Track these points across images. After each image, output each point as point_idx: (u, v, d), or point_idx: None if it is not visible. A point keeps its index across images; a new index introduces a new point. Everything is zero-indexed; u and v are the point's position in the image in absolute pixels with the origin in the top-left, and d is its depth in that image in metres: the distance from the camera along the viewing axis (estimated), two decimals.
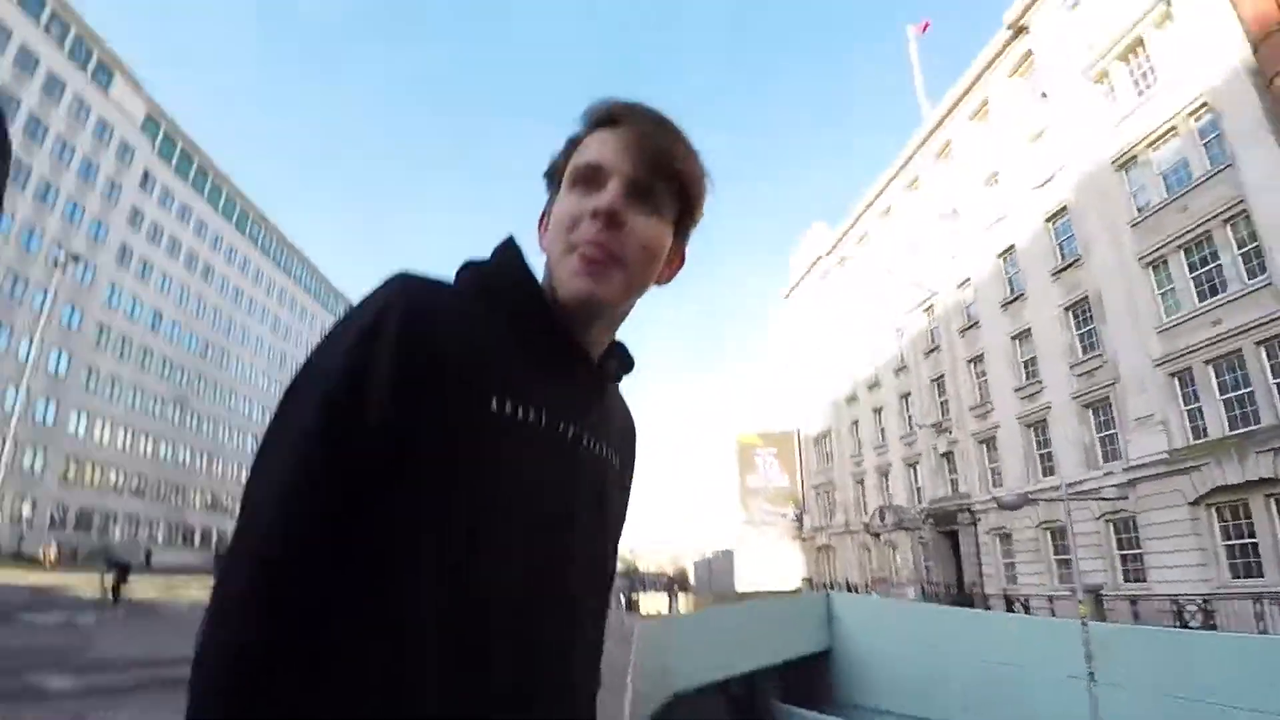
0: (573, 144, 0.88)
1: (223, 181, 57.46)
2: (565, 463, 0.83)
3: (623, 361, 0.95)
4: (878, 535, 33.70)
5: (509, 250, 0.88)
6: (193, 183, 53.50)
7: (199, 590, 25.07)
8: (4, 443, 30.05)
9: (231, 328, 58.66)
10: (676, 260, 0.92)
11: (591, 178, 0.83)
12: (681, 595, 36.32)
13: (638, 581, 40.25)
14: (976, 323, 28.16)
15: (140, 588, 22.17)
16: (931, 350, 31.80)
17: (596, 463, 0.89)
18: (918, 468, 32.95)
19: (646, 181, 0.83)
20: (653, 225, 0.85)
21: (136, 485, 47.04)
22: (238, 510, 0.68)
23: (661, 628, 16.47)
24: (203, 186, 54.88)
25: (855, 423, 39.85)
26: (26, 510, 36.69)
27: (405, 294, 0.75)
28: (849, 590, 31.62)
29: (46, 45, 38.83)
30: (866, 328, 37.87)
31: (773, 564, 46.95)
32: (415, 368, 0.72)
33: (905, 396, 34.21)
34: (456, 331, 0.76)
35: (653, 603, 32.20)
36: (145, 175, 47.63)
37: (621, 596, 28.23)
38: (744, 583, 45.63)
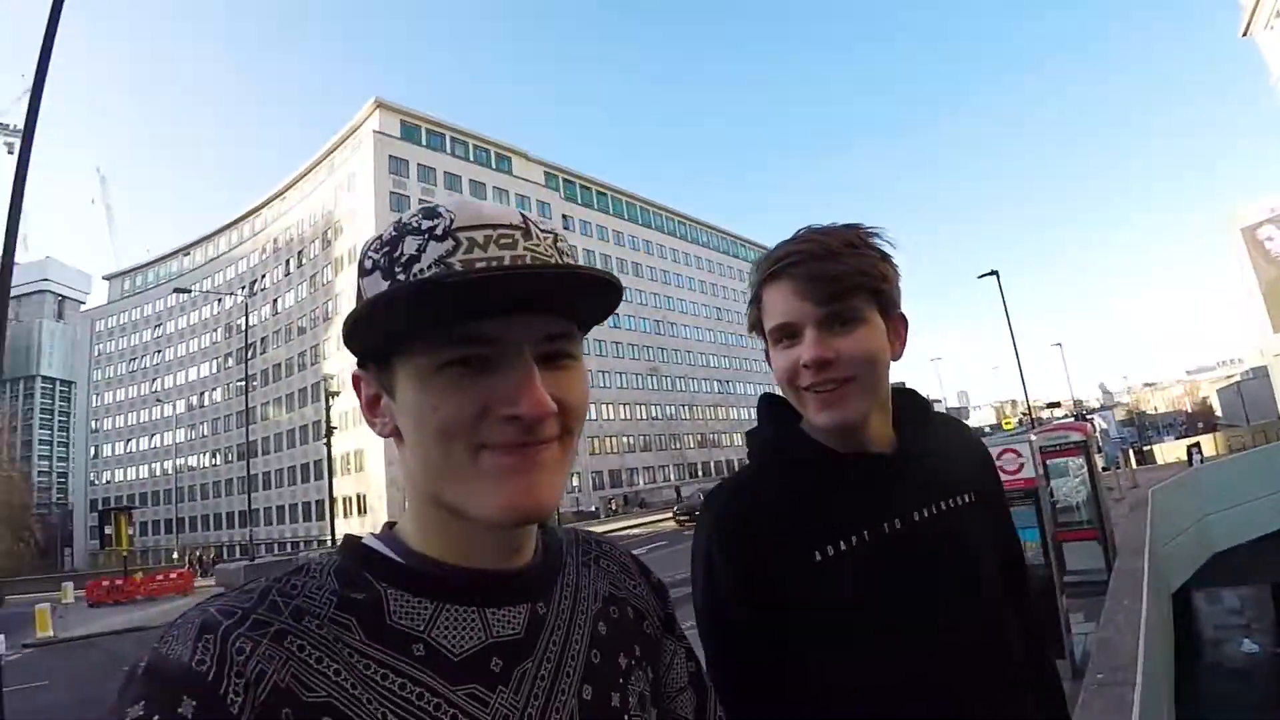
0: (756, 302, 0.99)
1: (617, 193, 69.66)
2: (905, 556, 0.92)
3: (915, 414, 1.02)
4: None
5: (774, 412, 1.04)
6: (598, 206, 66.63)
7: None
8: (575, 434, 44.37)
9: (670, 302, 70.39)
10: (898, 335, 0.97)
11: (788, 334, 0.93)
12: (1207, 436, 30.18)
13: (1148, 426, 34.13)
14: None
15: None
16: None
17: (937, 522, 0.96)
18: None
19: (833, 313, 0.90)
20: (859, 338, 0.90)
21: (643, 443, 61.47)
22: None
23: (1185, 481, 14.75)
24: (606, 206, 67.72)
25: None
26: (574, 481, 52.41)
27: (717, 522, 0.96)
28: None
29: (455, 163, 54.86)
30: None
31: None
32: (749, 580, 0.90)
33: None
34: (766, 520, 0.92)
35: (1171, 451, 27.56)
36: (564, 218, 61.76)
37: (1129, 451, 25.26)
38: None
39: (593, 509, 47.34)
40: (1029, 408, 37.78)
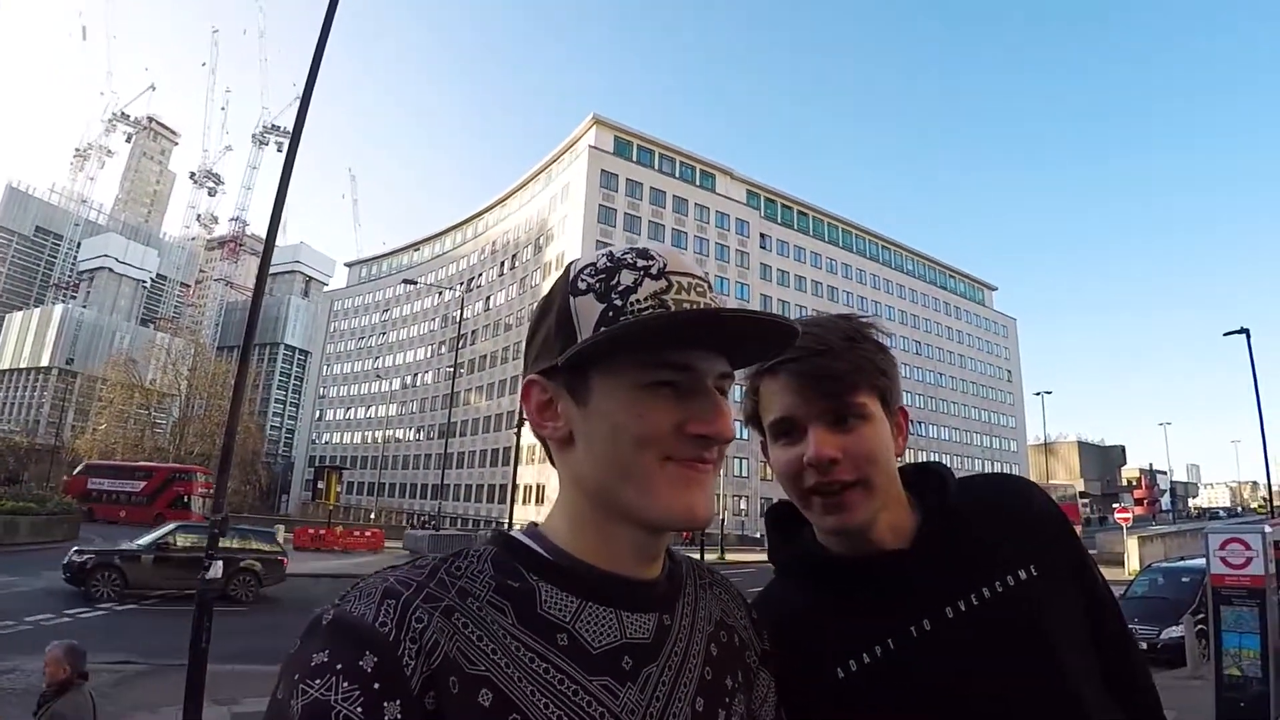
0: (753, 393, 0.94)
1: (818, 214, 67.93)
2: (944, 657, 0.83)
3: (935, 494, 0.94)
4: None
5: (779, 523, 1.00)
6: (797, 226, 65.39)
7: None
8: (723, 459, 44.28)
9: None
10: (900, 430, 0.93)
11: (788, 430, 0.88)
12: None
13: None
14: None
15: None
16: None
17: (983, 612, 0.85)
18: None
19: (836, 409, 0.86)
20: (864, 436, 0.86)
21: None
22: None
23: None
24: (805, 226, 66.29)
25: None
26: (743, 504, 51.49)
27: None
28: None
29: (661, 179, 55.95)
30: None
31: None
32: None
33: None
34: (787, 640, 0.85)
35: None
36: (762, 237, 61.20)
37: None
38: None
39: (758, 535, 46.08)
40: (1270, 493, 32.21)
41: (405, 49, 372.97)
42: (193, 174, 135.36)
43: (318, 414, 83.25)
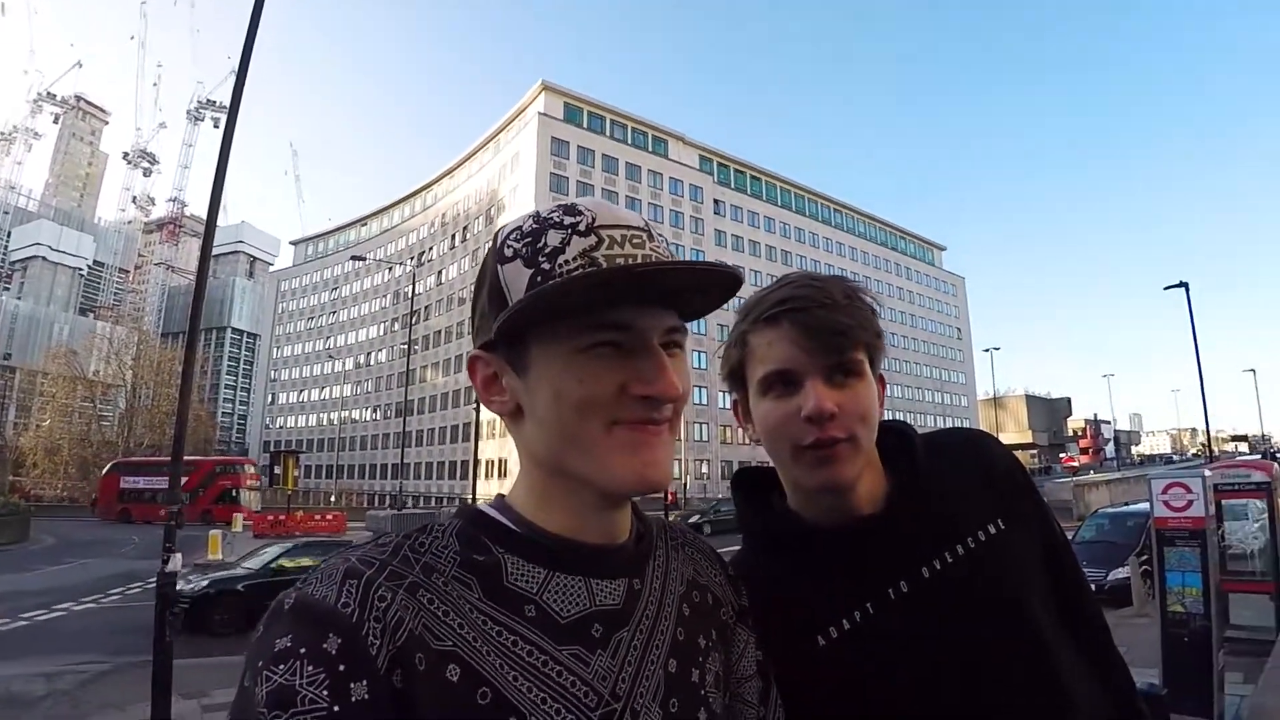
0: (740, 346, 0.90)
1: (771, 178, 68.15)
2: (923, 616, 0.83)
3: (903, 456, 0.93)
4: None
5: (746, 491, 0.98)
6: (750, 191, 65.49)
7: None
8: (678, 421, 44.57)
9: None
10: (881, 391, 0.91)
11: (783, 382, 0.85)
12: None
13: None
14: None
15: None
16: None
17: (957, 569, 0.86)
18: None
19: (837, 364, 0.84)
20: (860, 393, 0.85)
21: None
22: None
23: None
24: (759, 191, 66.46)
25: None
26: (704, 467, 52.11)
27: None
28: None
29: (613, 145, 55.40)
30: None
31: None
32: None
33: None
34: (760, 611, 0.83)
35: None
36: (715, 203, 61.12)
37: None
38: None
39: (719, 497, 46.76)
40: (1209, 439, 33.87)
41: (345, 14, 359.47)
42: (126, 154, 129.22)
43: (270, 398, 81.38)
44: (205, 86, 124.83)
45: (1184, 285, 25.76)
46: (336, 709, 0.49)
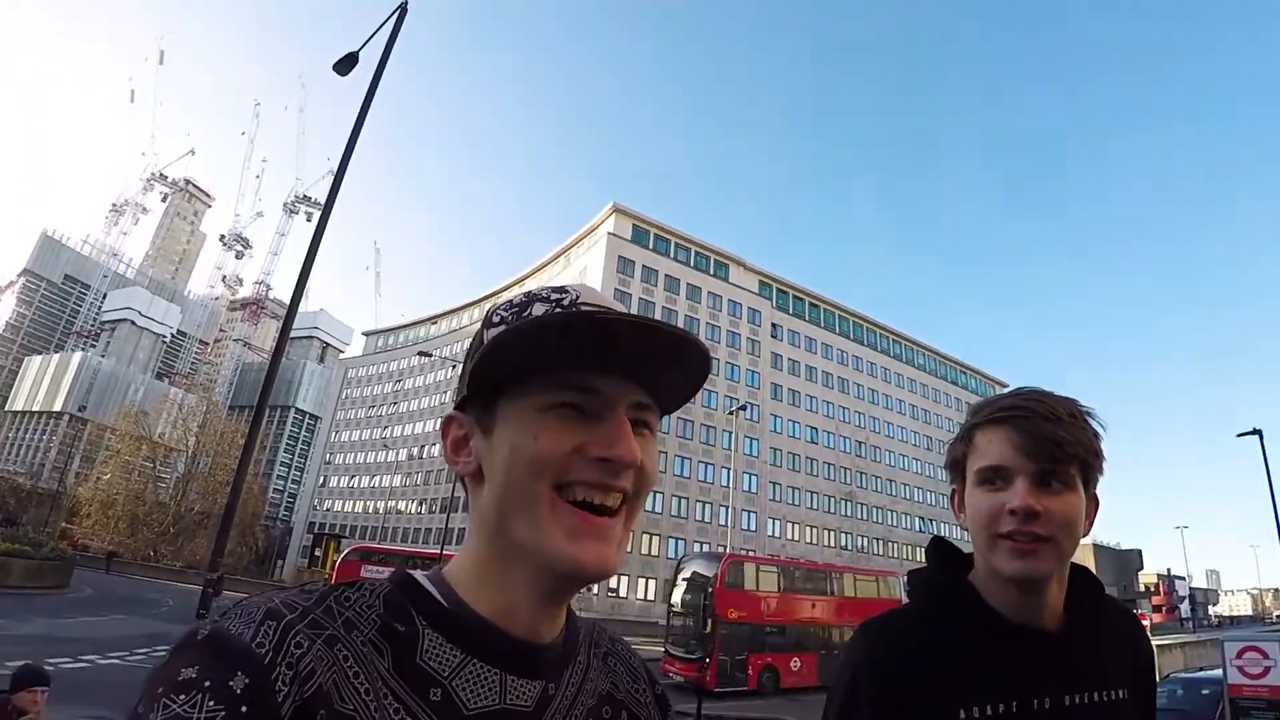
0: (966, 441, 1.01)
1: (829, 306, 68.66)
2: None
3: (1088, 594, 1.02)
4: None
5: (944, 556, 1.07)
6: (809, 318, 66.06)
7: None
8: (726, 548, 43.34)
9: (875, 423, 67.03)
10: (1093, 509, 0.98)
11: (995, 478, 0.95)
12: None
13: None
14: None
15: None
16: None
17: (1087, 712, 0.95)
18: None
19: (1048, 471, 0.93)
20: (1067, 502, 0.93)
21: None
22: None
23: None
24: (817, 318, 66.98)
25: None
26: (649, 588, 50.01)
27: (871, 653, 0.99)
28: None
29: (676, 267, 57.12)
30: None
31: None
32: (893, 713, 0.93)
33: None
34: (920, 666, 0.93)
35: None
36: (773, 327, 61.81)
37: None
38: None
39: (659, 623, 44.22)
40: None
41: (435, 134, 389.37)
42: (223, 237, 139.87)
43: (322, 480, 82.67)
44: (303, 183, 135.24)
45: (1258, 432, 24.49)
46: None
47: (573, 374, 0.61)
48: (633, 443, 0.62)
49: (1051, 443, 0.94)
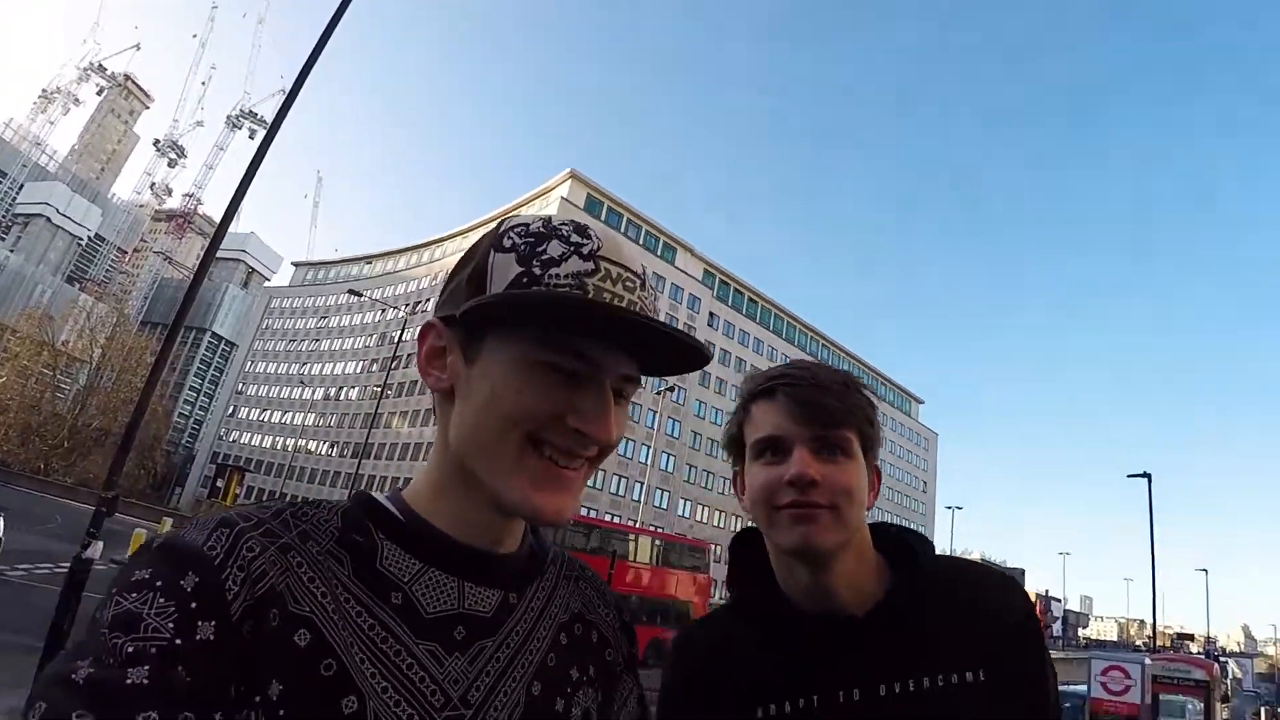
0: (743, 411, 0.99)
1: (767, 303, 70.18)
2: None
3: (905, 563, 0.95)
4: None
5: (742, 555, 1.03)
6: (745, 312, 67.31)
7: None
8: (637, 523, 44.08)
9: None
10: (873, 486, 0.97)
11: (772, 449, 0.93)
12: None
13: None
14: None
15: None
16: None
17: (910, 702, 0.85)
18: None
19: (823, 437, 0.91)
20: (845, 469, 0.91)
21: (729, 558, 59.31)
22: None
23: None
24: (754, 313, 68.35)
25: None
26: None
27: (679, 663, 0.99)
28: None
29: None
30: None
31: None
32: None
33: None
34: (721, 670, 0.94)
35: None
36: (711, 315, 62.65)
37: (1261, 710, 22.32)
38: None
39: None
40: (1154, 633, 33.96)
41: (399, 62, 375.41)
42: (157, 141, 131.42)
43: (231, 410, 79.79)
44: (251, 98, 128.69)
45: (1147, 476, 25.37)
46: (178, 642, 0.49)
47: (573, 338, 0.60)
48: (613, 422, 0.62)
49: (825, 410, 0.91)
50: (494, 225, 0.67)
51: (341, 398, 69.32)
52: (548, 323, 0.60)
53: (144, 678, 0.47)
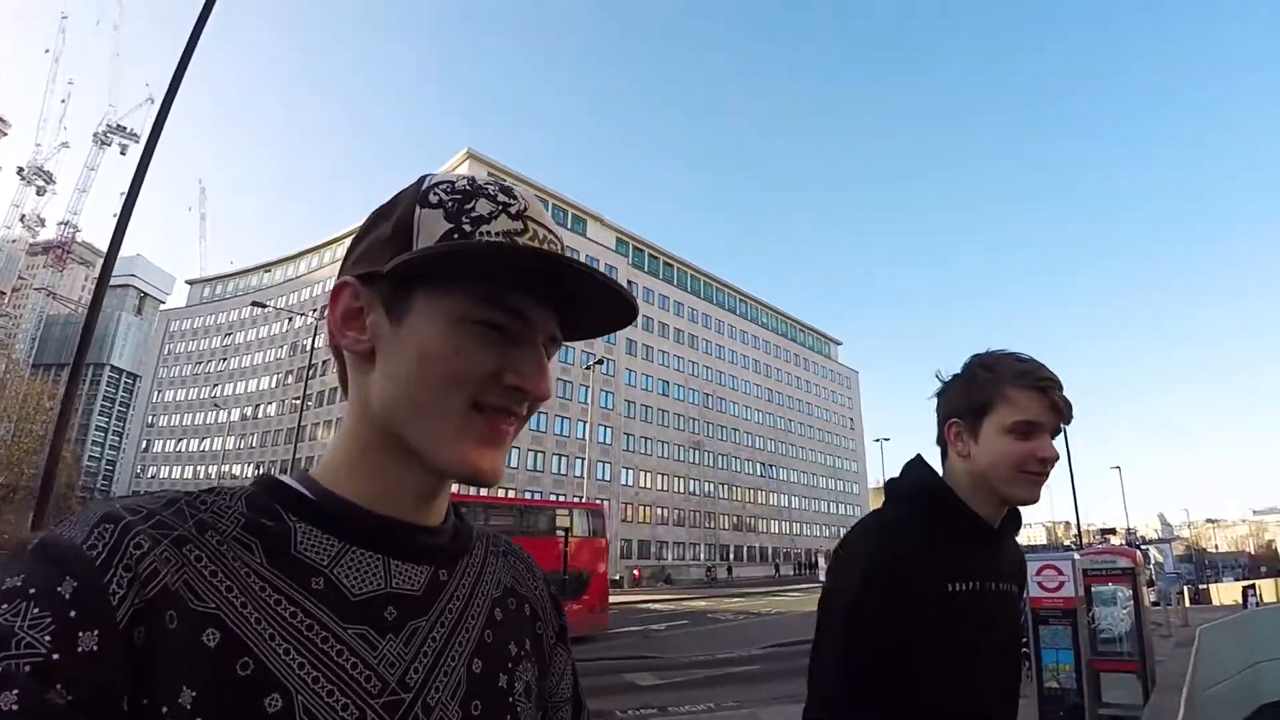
0: (995, 393, 1.31)
1: (682, 265, 70.72)
2: (985, 610, 1.28)
3: (1014, 521, 1.40)
4: None
5: (923, 475, 1.39)
6: (663, 276, 67.67)
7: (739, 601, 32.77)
8: (582, 499, 44.24)
9: (721, 377, 70.33)
10: None
11: (1030, 432, 1.27)
12: (1269, 580, 30.15)
13: (1207, 565, 32.86)
14: None
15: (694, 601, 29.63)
16: None
17: (1001, 598, 1.33)
18: None
19: (1060, 429, 1.32)
20: (1056, 450, 1.31)
21: (676, 517, 60.54)
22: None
23: (1239, 623, 14.17)
24: (670, 276, 68.78)
25: None
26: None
27: (884, 544, 1.29)
28: None
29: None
30: None
31: None
32: (896, 608, 1.20)
33: None
34: (916, 559, 1.24)
35: (1229, 592, 27.60)
36: (629, 284, 62.61)
37: (1183, 588, 24.39)
38: None
39: (616, 577, 46.42)
40: (1080, 531, 36.65)
41: (270, 63, 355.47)
42: (20, 169, 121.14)
43: (144, 444, 75.67)
44: (117, 111, 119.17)
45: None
46: (56, 657, 0.44)
47: (509, 295, 0.59)
48: (549, 377, 0.62)
49: (1068, 408, 1.30)
50: (415, 181, 0.64)
51: (260, 415, 66.56)
52: (490, 276, 0.58)
53: (13, 703, 0.42)
